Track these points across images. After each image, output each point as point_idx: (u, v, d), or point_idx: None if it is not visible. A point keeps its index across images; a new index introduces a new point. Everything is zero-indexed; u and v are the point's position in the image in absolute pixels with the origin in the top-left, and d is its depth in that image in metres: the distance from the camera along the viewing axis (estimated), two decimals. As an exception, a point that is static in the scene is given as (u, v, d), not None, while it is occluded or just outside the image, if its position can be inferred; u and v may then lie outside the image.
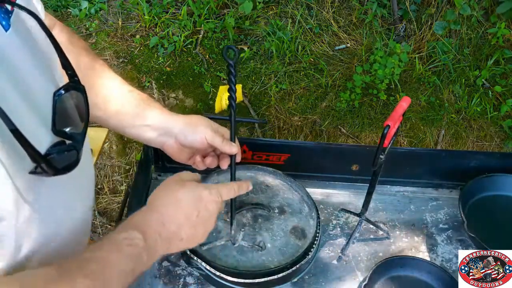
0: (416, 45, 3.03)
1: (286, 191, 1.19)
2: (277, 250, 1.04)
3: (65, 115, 0.63)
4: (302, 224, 1.12)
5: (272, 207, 1.14)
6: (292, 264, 1.03)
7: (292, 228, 1.10)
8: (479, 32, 3.01)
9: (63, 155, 0.61)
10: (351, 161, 1.35)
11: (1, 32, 0.59)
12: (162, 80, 2.81)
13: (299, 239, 1.08)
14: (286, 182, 1.20)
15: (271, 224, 1.11)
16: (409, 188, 1.41)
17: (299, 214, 1.14)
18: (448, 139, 2.73)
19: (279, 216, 1.13)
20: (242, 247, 1.06)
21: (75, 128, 0.65)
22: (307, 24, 3.07)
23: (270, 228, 1.10)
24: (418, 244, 1.26)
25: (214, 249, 1.03)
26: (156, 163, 1.39)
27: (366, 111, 2.77)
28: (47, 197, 0.66)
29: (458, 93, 2.86)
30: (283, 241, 1.07)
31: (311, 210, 1.14)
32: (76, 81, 0.65)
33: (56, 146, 0.61)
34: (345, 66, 2.94)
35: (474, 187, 1.32)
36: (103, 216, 2.36)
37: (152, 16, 3.05)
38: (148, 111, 0.96)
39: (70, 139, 0.63)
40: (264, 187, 1.18)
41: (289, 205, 1.15)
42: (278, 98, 2.81)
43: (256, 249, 1.06)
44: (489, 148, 2.71)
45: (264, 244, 1.06)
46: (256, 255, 1.03)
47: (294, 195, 1.18)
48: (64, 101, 0.63)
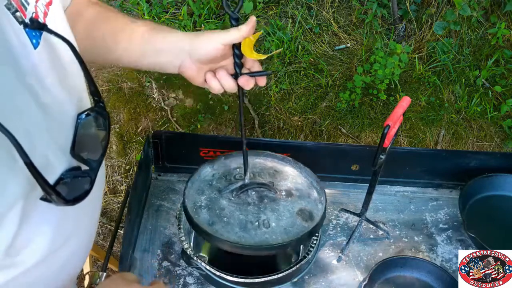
0: (416, 45, 3.02)
1: (296, 176, 1.15)
2: (281, 229, 1.01)
3: (85, 139, 0.63)
4: (310, 207, 1.07)
5: (280, 190, 1.10)
6: (296, 241, 1.00)
7: (299, 210, 1.06)
8: (479, 32, 3.01)
9: (76, 180, 0.60)
10: (351, 161, 1.35)
11: (30, 49, 0.58)
12: (162, 80, 2.81)
13: (306, 221, 1.04)
14: (295, 168, 1.17)
15: (277, 205, 1.07)
16: (409, 188, 1.41)
17: (307, 198, 1.10)
18: (448, 139, 2.72)
19: (286, 198, 1.09)
20: (247, 213, 1.04)
21: (92, 155, 0.64)
22: (307, 24, 3.07)
23: (276, 209, 1.06)
24: (418, 244, 1.26)
25: (217, 225, 1.01)
26: (156, 163, 1.39)
27: (366, 111, 2.77)
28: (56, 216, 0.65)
29: (458, 93, 2.86)
30: (288, 221, 1.03)
31: (320, 195, 1.10)
32: (102, 107, 0.65)
33: (72, 171, 0.61)
34: (345, 66, 2.94)
35: (474, 187, 1.32)
36: (103, 216, 2.36)
37: (152, 16, 3.04)
38: (155, 36, 0.90)
39: (86, 165, 0.63)
40: (273, 172, 1.15)
41: (298, 190, 1.11)
42: (278, 98, 2.81)
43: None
44: (489, 148, 2.71)
45: (268, 223, 1.02)
46: (259, 233, 1.00)
47: (303, 181, 1.14)
48: (86, 124, 0.63)
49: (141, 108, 2.67)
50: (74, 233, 0.73)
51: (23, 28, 0.56)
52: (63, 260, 0.72)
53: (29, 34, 0.58)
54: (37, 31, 0.59)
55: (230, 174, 1.14)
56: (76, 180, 0.61)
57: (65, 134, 0.62)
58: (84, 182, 0.62)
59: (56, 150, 0.60)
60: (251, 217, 1.03)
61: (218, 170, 1.15)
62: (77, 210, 0.62)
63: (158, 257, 1.20)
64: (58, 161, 0.60)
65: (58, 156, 0.60)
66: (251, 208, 1.05)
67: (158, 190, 1.37)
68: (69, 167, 0.61)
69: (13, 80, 0.54)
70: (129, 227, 1.14)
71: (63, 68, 0.66)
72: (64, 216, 0.66)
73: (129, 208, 1.14)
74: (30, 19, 0.57)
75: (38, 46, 0.59)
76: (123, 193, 2.40)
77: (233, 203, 1.06)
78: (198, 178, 1.13)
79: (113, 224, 2.31)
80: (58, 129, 0.62)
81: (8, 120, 0.48)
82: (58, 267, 0.71)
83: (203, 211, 1.04)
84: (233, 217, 1.03)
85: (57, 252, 0.68)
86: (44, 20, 0.62)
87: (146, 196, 1.36)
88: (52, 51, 0.63)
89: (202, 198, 1.08)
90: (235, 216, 1.03)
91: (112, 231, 1.86)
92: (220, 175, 1.14)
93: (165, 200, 1.35)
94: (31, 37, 0.58)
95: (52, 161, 0.58)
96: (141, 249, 1.22)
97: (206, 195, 1.08)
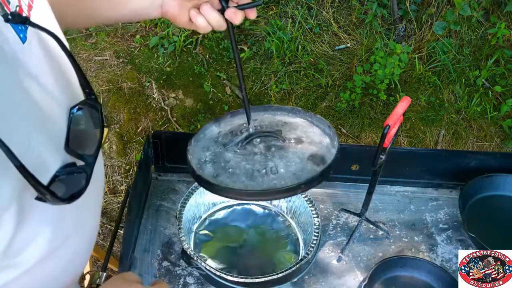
0: (416, 45, 3.03)
1: (306, 126, 1.06)
2: (291, 174, 0.93)
3: (79, 133, 0.62)
4: (322, 152, 0.98)
5: (288, 138, 1.01)
6: (306, 183, 0.91)
7: (310, 156, 0.97)
8: (479, 32, 3.01)
9: (72, 177, 0.59)
10: (351, 161, 1.35)
11: (19, 44, 0.56)
12: (162, 80, 2.81)
13: (318, 165, 0.95)
14: (306, 118, 1.08)
15: (286, 152, 0.98)
16: (409, 188, 1.41)
17: (319, 144, 1.00)
18: (448, 139, 2.72)
19: (296, 146, 0.99)
20: (254, 164, 0.97)
21: (87, 149, 0.62)
22: (307, 24, 3.07)
23: (285, 156, 0.97)
24: (418, 244, 1.26)
25: (222, 176, 0.95)
26: (156, 163, 1.39)
27: (366, 111, 2.77)
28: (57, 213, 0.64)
29: (458, 93, 2.86)
30: (298, 166, 0.95)
31: (332, 141, 1.01)
32: (93, 99, 0.63)
33: (67, 167, 0.59)
34: (345, 66, 2.94)
35: (474, 187, 1.32)
36: (103, 216, 2.36)
37: (152, 16, 3.04)
38: None
39: (82, 160, 0.61)
40: (282, 124, 1.06)
41: (308, 137, 1.02)
42: (278, 98, 2.81)
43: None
44: (489, 148, 2.71)
45: (276, 169, 0.95)
46: (267, 179, 0.93)
47: (315, 129, 1.05)
48: (79, 118, 0.61)
49: (141, 108, 2.67)
50: (74, 232, 0.72)
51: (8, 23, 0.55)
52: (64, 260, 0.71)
53: (16, 28, 0.56)
54: (22, 26, 0.57)
55: (236, 130, 1.06)
56: (72, 177, 0.59)
57: (59, 129, 0.60)
58: (80, 178, 0.60)
59: (51, 147, 0.59)
60: (258, 166, 0.95)
61: (225, 128, 1.08)
62: (76, 208, 0.61)
63: (158, 257, 1.20)
64: (52, 158, 0.59)
65: (53, 152, 0.59)
66: (257, 157, 0.97)
67: (158, 190, 1.37)
68: (64, 163, 0.59)
69: (4, 77, 0.53)
70: (129, 227, 1.14)
71: (55, 61, 0.64)
72: (62, 215, 0.65)
73: (129, 208, 1.14)
74: (12, 13, 0.55)
75: (26, 41, 0.58)
76: (123, 193, 2.40)
77: (239, 154, 0.98)
78: (203, 137, 1.06)
79: (113, 224, 2.31)
80: (51, 125, 0.60)
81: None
82: (59, 268, 0.71)
83: (207, 165, 0.98)
84: (239, 168, 0.96)
85: (57, 252, 0.68)
86: (28, 14, 0.60)
87: (146, 196, 1.36)
88: (42, 45, 0.62)
89: (207, 154, 1.01)
90: (241, 166, 0.96)
91: (112, 231, 1.86)
92: (226, 131, 1.06)
93: (165, 200, 1.35)
94: (18, 31, 0.57)
95: (46, 158, 0.57)
96: (141, 249, 1.22)
97: (211, 150, 1.01)
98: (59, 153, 0.60)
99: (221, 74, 2.87)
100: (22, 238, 0.58)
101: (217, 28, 0.83)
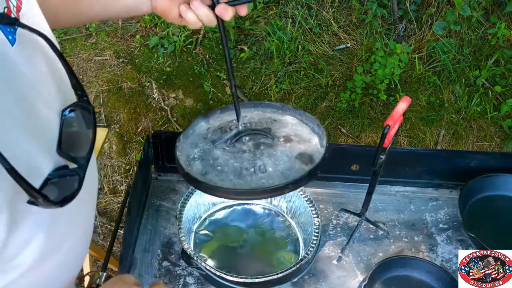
0: (416, 45, 3.02)
1: (295, 124, 1.07)
2: (279, 173, 0.94)
3: (71, 136, 0.61)
4: (310, 151, 0.99)
5: (277, 136, 1.01)
6: (294, 183, 0.91)
7: (298, 154, 0.98)
8: (479, 32, 3.01)
9: (64, 180, 0.58)
10: (351, 161, 1.35)
11: (8, 46, 0.55)
12: (162, 80, 2.81)
13: (306, 164, 0.95)
14: (295, 116, 1.08)
15: (274, 150, 0.98)
16: (409, 188, 1.41)
17: (307, 143, 1.01)
18: (448, 139, 2.72)
19: (285, 144, 1.00)
20: (242, 162, 0.97)
21: (80, 152, 0.62)
22: (307, 24, 3.07)
23: (273, 154, 0.97)
24: (418, 244, 1.26)
25: (210, 174, 0.95)
26: (156, 163, 1.39)
27: (366, 111, 2.77)
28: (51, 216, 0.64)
29: (458, 93, 2.86)
30: (287, 165, 0.95)
31: (321, 139, 1.01)
32: (85, 101, 0.62)
33: (59, 170, 0.58)
34: (345, 66, 2.94)
35: (474, 187, 1.32)
36: (103, 216, 2.36)
37: (152, 16, 3.04)
38: None
39: (74, 162, 0.60)
40: (271, 121, 1.07)
41: (297, 135, 1.03)
42: (278, 98, 2.81)
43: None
44: (489, 148, 2.71)
45: (264, 168, 0.95)
46: (255, 178, 0.93)
47: (304, 127, 1.06)
48: (71, 120, 0.60)
49: (141, 108, 2.67)
50: (69, 234, 0.72)
51: None
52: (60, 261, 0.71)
53: (4, 30, 0.55)
54: (10, 27, 0.56)
55: (225, 126, 1.06)
56: (64, 180, 0.58)
57: (51, 132, 0.60)
58: (73, 181, 0.59)
59: (42, 149, 0.58)
60: (246, 164, 0.96)
61: (214, 124, 1.08)
62: (69, 211, 0.60)
63: (158, 257, 1.20)
64: (45, 161, 0.58)
65: (45, 155, 0.58)
66: (246, 155, 0.97)
67: (158, 190, 1.37)
68: (56, 166, 0.59)
69: None
70: (129, 227, 1.15)
71: (46, 63, 0.63)
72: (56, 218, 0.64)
73: (129, 208, 1.14)
74: (0, 15, 0.55)
75: (14, 43, 0.56)
76: (123, 193, 2.40)
77: (227, 152, 0.98)
78: (192, 133, 1.05)
79: (113, 224, 2.31)
80: (43, 128, 0.59)
81: None
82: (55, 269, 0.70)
83: (196, 162, 0.98)
84: (227, 166, 0.96)
85: (52, 254, 0.67)
86: (17, 15, 0.59)
87: (146, 196, 1.36)
88: (32, 46, 0.61)
89: (196, 150, 1.01)
90: (229, 164, 0.96)
91: (112, 231, 1.86)
92: (215, 128, 1.06)
93: (165, 200, 1.35)
94: (6, 33, 0.55)
95: (38, 161, 0.56)
96: (141, 249, 1.22)
97: (200, 147, 1.01)
98: (51, 155, 0.59)
99: (221, 74, 2.87)
100: (16, 242, 0.57)
101: (207, 23, 0.83)
